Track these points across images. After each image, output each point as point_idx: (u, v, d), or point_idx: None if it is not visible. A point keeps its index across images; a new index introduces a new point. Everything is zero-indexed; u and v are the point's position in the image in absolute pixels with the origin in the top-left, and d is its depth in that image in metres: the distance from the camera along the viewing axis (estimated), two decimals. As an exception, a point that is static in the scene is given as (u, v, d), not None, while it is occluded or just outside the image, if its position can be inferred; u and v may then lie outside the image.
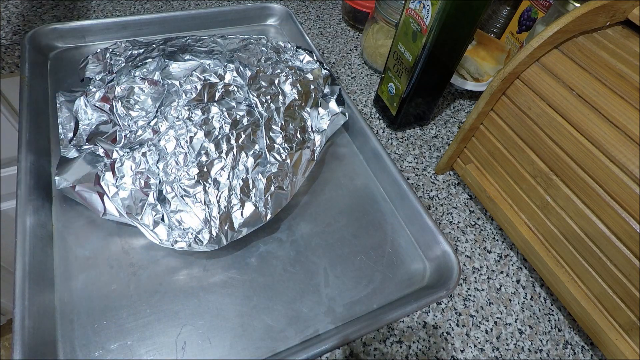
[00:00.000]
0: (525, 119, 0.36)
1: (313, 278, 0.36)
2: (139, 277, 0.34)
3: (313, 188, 0.43)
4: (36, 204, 0.35)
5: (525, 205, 0.38)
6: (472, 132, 0.41)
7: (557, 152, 0.34)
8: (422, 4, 0.38)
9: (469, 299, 0.38)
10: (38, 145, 0.39)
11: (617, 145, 0.30)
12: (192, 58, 0.43)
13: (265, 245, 0.38)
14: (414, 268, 0.39)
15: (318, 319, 0.34)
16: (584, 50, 0.35)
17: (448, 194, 0.46)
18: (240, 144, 0.38)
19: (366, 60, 0.59)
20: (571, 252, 0.34)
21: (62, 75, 0.48)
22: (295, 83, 0.42)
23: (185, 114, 0.38)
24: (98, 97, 0.37)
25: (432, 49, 0.40)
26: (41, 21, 0.55)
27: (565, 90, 0.34)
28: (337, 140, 0.48)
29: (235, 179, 0.36)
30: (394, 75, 0.46)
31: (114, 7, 0.60)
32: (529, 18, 0.57)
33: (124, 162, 0.35)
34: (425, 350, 0.35)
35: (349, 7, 0.63)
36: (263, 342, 0.32)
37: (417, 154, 0.49)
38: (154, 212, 0.34)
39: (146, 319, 0.32)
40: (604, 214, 0.31)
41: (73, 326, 0.31)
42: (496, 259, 0.41)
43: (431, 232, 0.39)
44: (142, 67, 0.41)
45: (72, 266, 0.34)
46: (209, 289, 0.35)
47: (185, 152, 0.36)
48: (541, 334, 0.37)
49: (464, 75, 0.54)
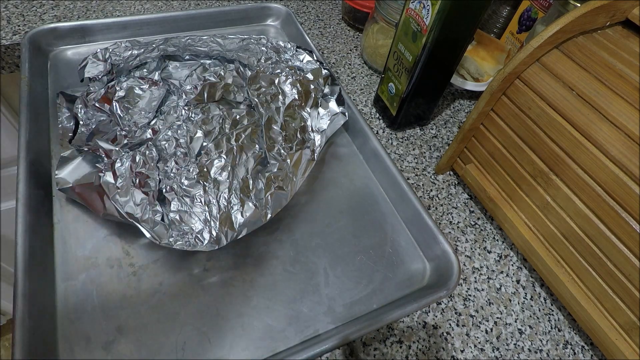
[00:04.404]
0: (525, 118, 0.36)
1: (313, 278, 0.36)
2: (139, 277, 0.34)
3: (313, 188, 0.43)
4: (36, 204, 0.35)
5: (525, 205, 0.38)
6: (472, 132, 0.41)
7: (557, 152, 0.34)
8: (422, 4, 0.38)
9: (469, 299, 0.38)
10: (38, 145, 0.39)
11: (617, 145, 0.30)
12: (192, 58, 0.43)
13: (265, 245, 0.38)
14: (414, 268, 0.39)
15: (318, 319, 0.34)
16: (584, 50, 0.35)
17: (448, 194, 0.46)
18: (240, 144, 0.38)
19: (366, 60, 0.59)
20: (571, 252, 0.34)
21: (62, 75, 0.48)
22: (295, 83, 0.42)
23: (185, 114, 0.38)
24: (98, 97, 0.37)
25: (432, 49, 0.40)
26: (41, 21, 0.55)
27: (565, 90, 0.34)
28: (337, 140, 0.48)
29: (235, 179, 0.36)
30: (394, 75, 0.46)
31: (114, 7, 0.60)
32: (529, 18, 0.57)
33: (124, 162, 0.35)
34: (425, 350, 0.35)
35: (349, 7, 0.63)
36: (263, 342, 0.32)
37: (417, 154, 0.49)
38: (154, 212, 0.34)
39: (146, 319, 0.32)
40: (604, 214, 0.31)
41: (73, 326, 0.31)
42: (496, 259, 0.41)
43: (431, 232, 0.39)
44: (142, 67, 0.41)
45: (72, 266, 0.34)
46: (209, 289, 0.35)
47: (185, 152, 0.36)
48: (541, 334, 0.37)
49: (464, 75, 0.54)
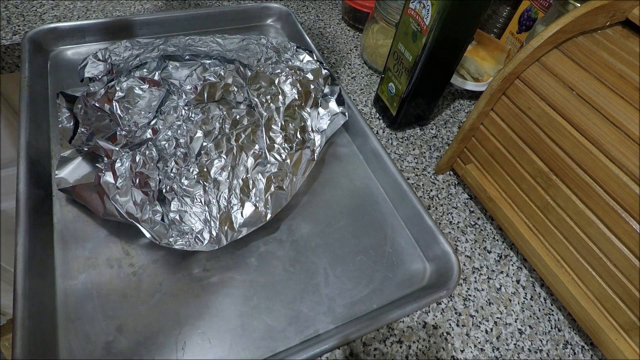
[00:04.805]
0: (525, 119, 0.36)
1: (313, 278, 0.36)
2: (139, 277, 0.34)
3: (313, 188, 0.43)
4: (36, 204, 0.35)
5: (525, 205, 0.38)
6: (472, 132, 0.41)
7: (557, 152, 0.34)
8: (422, 4, 0.38)
9: (469, 299, 0.38)
10: (38, 145, 0.39)
11: (617, 145, 0.30)
12: (192, 58, 0.43)
13: (265, 245, 0.38)
14: (414, 268, 0.39)
15: (318, 319, 0.34)
16: (584, 50, 0.35)
17: (448, 194, 0.46)
18: (240, 144, 0.38)
19: (366, 60, 0.59)
20: (571, 252, 0.34)
21: (62, 75, 0.48)
22: (295, 83, 0.42)
23: (185, 114, 0.38)
24: (98, 97, 0.37)
25: (432, 49, 0.40)
26: (41, 21, 0.55)
27: (565, 90, 0.34)
28: (337, 140, 0.48)
29: (235, 179, 0.36)
30: (394, 75, 0.46)
31: (114, 7, 0.60)
32: (529, 18, 0.57)
33: (124, 162, 0.35)
34: (425, 350, 0.35)
35: (349, 7, 0.63)
36: (263, 342, 0.32)
37: (417, 154, 0.49)
38: (154, 212, 0.34)
39: (146, 319, 0.32)
40: (604, 214, 0.31)
41: (73, 326, 0.31)
42: (496, 259, 0.41)
43: (431, 232, 0.39)
44: (142, 67, 0.41)
45: (72, 266, 0.34)
46: (209, 289, 0.35)
47: (185, 152, 0.36)
48: (541, 334, 0.37)
49: (464, 75, 0.54)
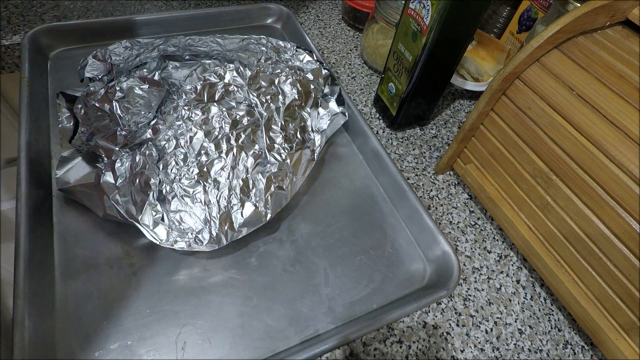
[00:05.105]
0: (525, 119, 0.36)
1: (313, 278, 0.36)
2: (139, 277, 0.34)
3: (313, 188, 0.43)
4: (36, 204, 0.35)
5: (525, 205, 0.38)
6: (472, 132, 0.41)
7: (557, 152, 0.34)
8: (422, 4, 0.38)
9: (469, 299, 0.38)
10: (38, 145, 0.39)
11: (617, 145, 0.30)
12: (192, 58, 0.43)
13: (265, 245, 0.38)
14: (414, 268, 0.39)
15: (318, 319, 0.34)
16: (584, 50, 0.35)
17: (448, 194, 0.46)
18: (240, 144, 0.38)
19: (366, 60, 0.59)
20: (571, 252, 0.34)
21: (62, 75, 0.48)
22: (295, 83, 0.42)
23: (185, 114, 0.38)
24: (98, 97, 0.37)
25: (432, 49, 0.40)
26: (41, 21, 0.55)
27: (565, 90, 0.34)
28: (337, 140, 0.48)
29: (235, 179, 0.36)
30: (394, 75, 0.46)
31: (114, 7, 0.60)
32: (529, 18, 0.57)
33: (124, 162, 0.35)
34: (425, 350, 0.35)
35: (349, 7, 0.63)
36: (263, 342, 0.32)
37: (417, 154, 0.49)
38: (154, 212, 0.34)
39: (146, 319, 0.32)
40: (604, 214, 0.31)
41: (73, 326, 0.31)
42: (496, 259, 0.41)
43: (431, 232, 0.39)
44: (142, 67, 0.41)
45: (72, 266, 0.34)
46: (209, 289, 0.35)
47: (185, 152, 0.36)
48: (541, 334, 0.37)
49: (464, 75, 0.54)
